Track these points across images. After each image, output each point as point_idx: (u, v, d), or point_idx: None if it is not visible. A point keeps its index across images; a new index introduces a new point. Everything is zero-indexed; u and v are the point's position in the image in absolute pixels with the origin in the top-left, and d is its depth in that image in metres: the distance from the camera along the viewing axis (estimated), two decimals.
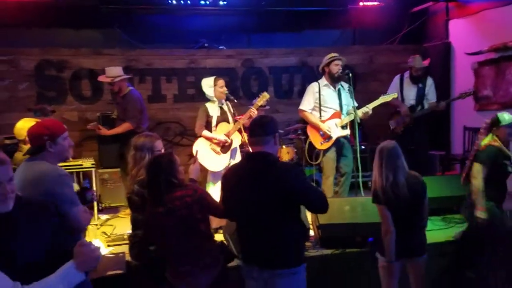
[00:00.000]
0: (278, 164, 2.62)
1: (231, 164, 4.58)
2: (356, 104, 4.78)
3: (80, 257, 1.77)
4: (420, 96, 5.54)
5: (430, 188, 3.25)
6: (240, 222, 2.73)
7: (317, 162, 4.96)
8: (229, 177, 2.73)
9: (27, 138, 3.29)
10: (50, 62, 6.07)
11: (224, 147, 4.65)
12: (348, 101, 4.87)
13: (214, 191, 4.51)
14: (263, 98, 4.76)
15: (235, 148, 4.73)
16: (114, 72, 5.13)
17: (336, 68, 4.81)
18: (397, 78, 5.73)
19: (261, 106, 4.90)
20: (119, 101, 5.15)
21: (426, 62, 5.61)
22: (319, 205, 2.64)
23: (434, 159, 6.27)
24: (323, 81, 4.90)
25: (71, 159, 3.81)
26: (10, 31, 6.06)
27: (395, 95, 4.94)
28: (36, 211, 1.95)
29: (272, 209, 2.50)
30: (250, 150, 4.62)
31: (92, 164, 5.18)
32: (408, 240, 3.06)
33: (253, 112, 4.60)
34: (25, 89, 5.98)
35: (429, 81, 5.60)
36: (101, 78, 5.31)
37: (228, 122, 4.72)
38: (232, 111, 4.82)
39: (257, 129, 2.64)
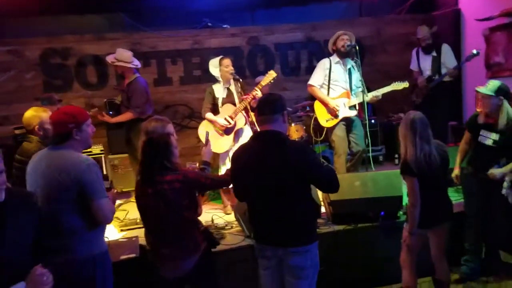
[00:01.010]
0: (288, 142, 2.59)
1: (236, 145, 4.56)
2: (362, 83, 4.68)
3: (30, 284, 1.78)
4: (436, 65, 5.46)
5: None
6: (251, 202, 2.72)
7: (321, 138, 4.93)
8: (238, 157, 2.71)
9: (35, 128, 3.31)
10: (54, 50, 6.05)
11: (228, 128, 4.62)
12: (358, 82, 4.78)
13: (224, 171, 4.51)
14: (270, 77, 4.64)
15: (241, 129, 4.69)
16: (121, 56, 5.02)
17: (341, 42, 4.71)
18: (414, 52, 5.72)
19: (266, 85, 4.83)
20: (124, 88, 5.11)
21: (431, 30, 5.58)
22: (330, 184, 2.61)
23: (446, 129, 6.18)
24: (335, 58, 4.81)
25: None
26: (13, 21, 6.02)
27: (406, 84, 4.82)
28: (23, 202, 1.99)
29: (283, 188, 2.49)
30: (258, 129, 4.63)
31: (101, 150, 5.20)
32: (437, 208, 3.09)
33: (257, 92, 4.52)
34: (32, 79, 5.99)
35: (444, 48, 5.52)
36: (108, 57, 5.23)
37: (234, 103, 4.68)
38: (239, 91, 4.76)
39: (265, 108, 2.60)
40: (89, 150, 5.14)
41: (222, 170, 4.61)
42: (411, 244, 3.15)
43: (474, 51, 5.02)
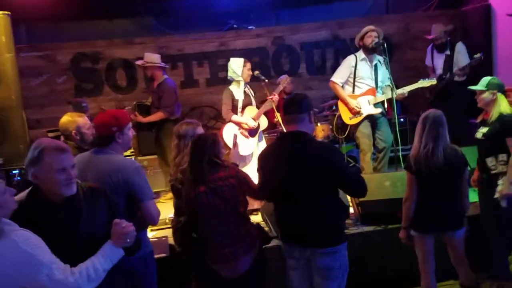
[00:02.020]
0: (314, 142, 2.57)
1: (258, 147, 4.57)
2: (390, 80, 4.61)
3: (114, 235, 1.95)
4: (448, 64, 5.36)
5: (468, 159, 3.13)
6: (278, 203, 2.72)
7: (344, 136, 4.88)
8: (265, 158, 2.72)
9: (72, 133, 3.39)
10: (85, 55, 6.22)
11: (252, 130, 4.63)
12: (384, 78, 4.71)
13: (248, 172, 4.51)
14: (284, 81, 4.71)
15: (261, 132, 4.70)
16: (150, 58, 5.19)
17: (369, 39, 4.65)
18: (429, 48, 5.64)
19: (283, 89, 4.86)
20: (154, 89, 5.21)
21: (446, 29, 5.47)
22: (356, 188, 2.57)
23: (470, 128, 6.01)
24: (361, 54, 4.75)
25: None
26: (44, 27, 6.24)
27: (433, 81, 4.73)
28: (94, 195, 2.10)
29: (309, 188, 2.48)
30: (284, 129, 4.63)
31: (132, 152, 5.30)
32: (438, 212, 2.98)
33: (275, 97, 4.55)
34: (63, 83, 6.18)
35: (458, 47, 5.40)
36: (137, 62, 5.38)
37: (252, 105, 4.69)
38: (253, 94, 4.78)
39: (291, 107, 2.59)
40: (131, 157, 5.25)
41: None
42: (410, 242, 3.10)
43: (478, 55, 4.94)
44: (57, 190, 1.93)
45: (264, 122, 4.66)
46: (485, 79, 3.34)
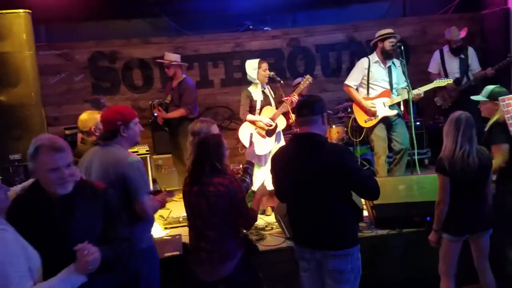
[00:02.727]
0: (327, 144, 2.56)
1: (276, 147, 4.56)
2: (407, 83, 4.58)
3: (77, 261, 1.85)
4: (464, 67, 5.34)
5: None
6: (290, 204, 2.72)
7: (360, 139, 4.86)
8: (278, 159, 2.72)
9: (92, 129, 3.45)
10: (102, 54, 6.29)
11: (270, 130, 4.63)
12: (399, 80, 4.68)
13: (260, 173, 4.53)
14: (306, 81, 4.69)
15: (279, 132, 4.69)
16: (172, 57, 5.28)
17: (388, 43, 4.63)
18: (436, 54, 5.57)
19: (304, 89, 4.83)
20: (174, 87, 5.26)
21: (463, 33, 5.41)
22: (368, 190, 2.54)
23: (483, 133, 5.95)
24: (374, 57, 4.73)
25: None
26: (63, 26, 6.33)
27: (450, 80, 4.70)
28: (93, 194, 2.08)
29: (321, 190, 2.46)
30: (298, 131, 4.62)
31: (147, 150, 5.35)
32: (473, 214, 2.96)
33: (294, 98, 4.53)
34: (81, 81, 6.25)
35: (471, 51, 5.40)
36: (159, 60, 5.44)
37: (271, 105, 4.69)
38: (273, 95, 4.77)
39: (304, 109, 2.59)
40: (135, 149, 5.30)
41: (258, 174, 4.59)
42: (439, 245, 3.06)
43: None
44: (51, 188, 1.95)
45: (282, 123, 4.65)
46: (488, 89, 3.35)
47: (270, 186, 4.41)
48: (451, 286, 3.10)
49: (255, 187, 4.52)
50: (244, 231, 2.93)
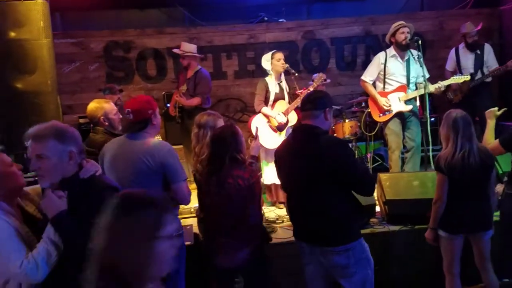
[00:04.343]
0: (323, 137, 2.52)
1: None
2: (427, 75, 4.54)
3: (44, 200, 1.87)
4: (479, 62, 5.27)
5: (504, 163, 3.04)
6: (289, 197, 2.71)
7: (373, 133, 4.81)
8: (279, 151, 2.74)
9: (101, 119, 3.45)
10: (117, 43, 6.31)
11: (281, 125, 4.61)
12: (418, 73, 4.61)
13: (269, 169, 4.52)
14: (320, 78, 4.65)
15: (290, 127, 4.66)
16: (188, 47, 5.28)
17: (402, 36, 4.56)
18: (452, 52, 5.53)
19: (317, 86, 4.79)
20: (189, 77, 5.26)
21: (478, 27, 5.32)
22: (361, 185, 2.48)
23: (504, 131, 5.84)
24: (391, 51, 4.67)
25: None
26: (78, 15, 6.35)
27: (467, 77, 4.63)
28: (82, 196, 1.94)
29: (316, 183, 2.45)
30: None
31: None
32: (471, 214, 2.92)
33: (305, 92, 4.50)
34: (95, 70, 6.29)
35: (487, 48, 5.32)
36: (175, 50, 5.45)
37: (285, 99, 4.65)
38: (288, 89, 4.73)
39: (307, 104, 2.59)
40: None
41: (265, 170, 4.58)
42: (436, 243, 3.05)
43: None
44: None
45: (293, 118, 4.62)
46: None
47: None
48: (456, 284, 3.08)
49: (269, 180, 4.54)
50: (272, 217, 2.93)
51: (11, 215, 1.87)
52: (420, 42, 4.44)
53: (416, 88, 4.65)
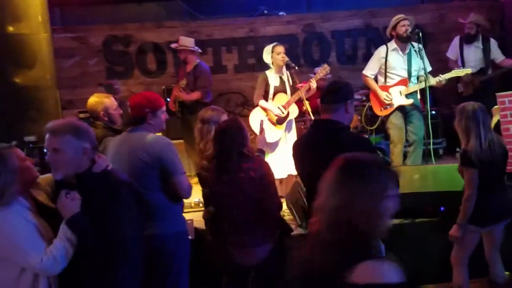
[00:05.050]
0: (344, 133, 2.50)
1: (286, 136, 4.53)
2: (429, 68, 4.52)
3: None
4: (486, 57, 5.17)
5: None
6: (308, 191, 2.69)
7: (374, 127, 4.80)
8: (297, 144, 2.71)
9: (101, 114, 3.44)
10: (116, 38, 6.29)
11: (281, 118, 4.58)
12: (420, 67, 4.58)
13: (271, 160, 4.51)
14: (324, 70, 4.61)
15: (291, 120, 4.64)
16: (185, 41, 5.26)
17: (403, 28, 4.52)
18: (456, 40, 5.41)
19: (321, 78, 4.76)
20: (189, 71, 5.25)
21: (468, 19, 5.27)
22: None
23: None
24: (392, 44, 4.63)
25: None
26: (78, 9, 6.33)
27: (468, 70, 4.59)
28: (95, 189, 2.01)
29: None
30: (312, 118, 4.58)
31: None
32: (499, 205, 2.93)
33: (312, 84, 4.45)
34: (95, 65, 6.27)
35: (493, 42, 5.24)
36: (172, 45, 5.44)
37: (286, 92, 4.63)
38: (291, 82, 4.70)
39: (327, 96, 2.55)
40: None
41: (268, 158, 4.58)
42: (461, 239, 3.00)
43: None
44: None
45: (294, 111, 4.59)
46: None
47: (280, 174, 4.45)
48: (465, 276, 3.08)
49: None
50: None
51: (29, 211, 1.96)
52: (420, 34, 4.41)
53: (420, 81, 4.62)
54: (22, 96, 3.91)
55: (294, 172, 4.44)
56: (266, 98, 4.58)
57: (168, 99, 5.64)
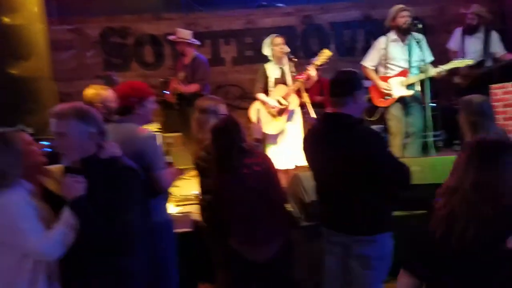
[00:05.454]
0: (355, 128, 2.41)
1: (288, 127, 4.52)
2: (431, 59, 4.49)
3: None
4: (486, 49, 5.12)
5: None
6: (317, 185, 2.65)
7: (373, 118, 4.78)
8: (307, 138, 2.67)
9: (98, 106, 3.41)
10: (113, 29, 6.25)
11: (281, 110, 4.57)
12: (420, 57, 4.54)
13: (273, 151, 4.51)
14: (323, 55, 4.53)
15: (292, 111, 4.61)
16: (182, 34, 5.22)
17: (402, 19, 4.50)
18: (458, 30, 5.37)
19: (321, 65, 4.71)
20: (187, 64, 5.21)
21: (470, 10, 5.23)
22: (395, 179, 2.41)
23: None
24: (392, 35, 4.60)
25: None
26: (75, 1, 6.26)
27: (470, 61, 4.56)
28: (99, 174, 2.01)
29: (347, 174, 2.37)
30: (309, 110, 4.56)
31: (159, 128, 5.34)
32: None
33: (311, 72, 4.41)
34: (92, 57, 6.23)
35: (495, 35, 5.19)
36: (170, 37, 5.41)
37: (287, 84, 4.61)
38: (293, 71, 4.68)
39: (333, 89, 2.46)
40: (145, 127, 5.27)
41: (270, 149, 4.58)
42: None
43: None
44: None
45: (294, 101, 4.57)
46: None
47: (283, 165, 4.44)
48: None
49: None
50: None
51: (31, 193, 1.95)
52: (419, 25, 4.39)
53: (421, 72, 4.59)
54: (18, 87, 3.88)
55: (295, 165, 4.47)
56: (266, 90, 4.57)
57: (166, 92, 5.61)
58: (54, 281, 1.98)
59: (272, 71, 4.57)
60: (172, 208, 4.09)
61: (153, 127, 5.30)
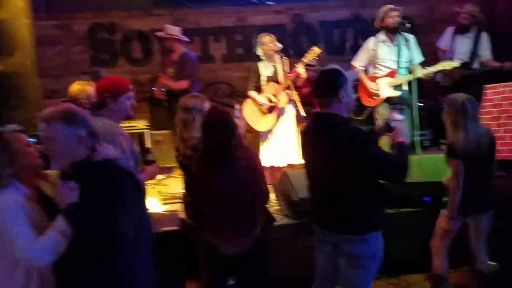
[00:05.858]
0: (342, 127, 2.42)
1: (278, 124, 4.52)
2: (420, 59, 4.53)
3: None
4: (474, 51, 5.09)
5: None
6: (311, 184, 2.66)
7: (361, 118, 4.80)
8: (303, 136, 2.71)
9: (83, 101, 3.38)
10: (101, 25, 6.17)
11: (270, 107, 4.58)
12: (409, 58, 4.55)
13: (266, 149, 4.53)
14: (312, 53, 4.53)
15: (283, 108, 4.62)
16: (170, 30, 5.18)
17: (391, 20, 4.52)
18: (449, 29, 5.34)
19: (309, 65, 4.71)
20: (175, 60, 5.17)
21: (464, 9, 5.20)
22: (388, 175, 2.43)
23: None
24: (381, 36, 4.62)
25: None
26: None
27: (456, 64, 4.57)
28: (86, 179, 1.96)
29: (337, 173, 2.38)
30: (299, 108, 4.58)
31: (146, 125, 5.29)
32: (479, 195, 2.96)
33: (299, 69, 4.42)
34: (79, 53, 6.15)
35: (485, 37, 5.15)
36: (158, 33, 5.37)
37: (278, 82, 4.62)
38: (285, 70, 4.69)
39: (318, 90, 2.47)
40: (132, 124, 5.23)
41: (262, 147, 4.58)
42: (448, 230, 3.04)
43: None
44: None
45: (283, 99, 4.56)
46: None
47: (275, 162, 4.45)
48: (445, 264, 3.13)
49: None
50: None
51: (26, 197, 1.92)
52: (408, 25, 4.40)
53: (410, 72, 4.62)
54: (2, 83, 3.81)
55: (285, 162, 4.49)
56: (258, 88, 4.59)
57: (154, 88, 5.56)
58: (48, 287, 1.94)
59: (264, 69, 4.59)
60: (159, 207, 4.07)
61: (140, 124, 5.28)
